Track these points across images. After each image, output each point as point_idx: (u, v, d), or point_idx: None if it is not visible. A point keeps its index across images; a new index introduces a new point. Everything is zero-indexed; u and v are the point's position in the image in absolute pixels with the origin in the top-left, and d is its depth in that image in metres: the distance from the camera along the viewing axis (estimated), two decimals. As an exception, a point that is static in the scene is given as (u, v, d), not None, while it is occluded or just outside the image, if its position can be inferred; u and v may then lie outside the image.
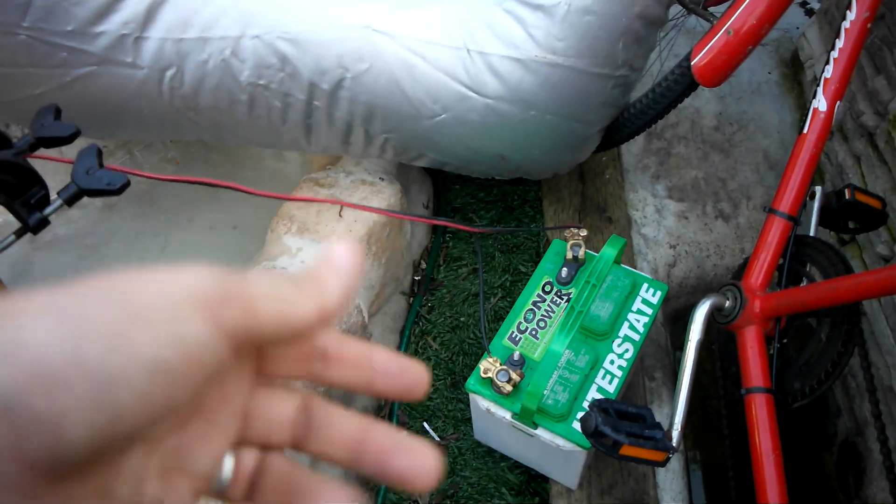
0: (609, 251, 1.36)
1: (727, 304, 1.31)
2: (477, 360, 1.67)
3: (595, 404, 1.15)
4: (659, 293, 1.42)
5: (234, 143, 1.48)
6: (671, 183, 1.94)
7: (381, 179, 1.61)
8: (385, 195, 1.58)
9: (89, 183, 0.97)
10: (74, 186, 0.97)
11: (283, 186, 1.86)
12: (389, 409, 1.66)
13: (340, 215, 1.53)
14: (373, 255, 1.56)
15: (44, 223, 1.00)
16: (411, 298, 1.80)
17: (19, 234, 1.00)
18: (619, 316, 1.38)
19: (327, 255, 0.34)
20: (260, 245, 1.74)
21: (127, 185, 0.97)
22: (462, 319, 1.74)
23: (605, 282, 1.39)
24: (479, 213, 1.91)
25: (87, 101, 1.31)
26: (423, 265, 1.83)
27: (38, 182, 0.99)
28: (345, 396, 1.51)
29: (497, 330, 1.40)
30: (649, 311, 1.40)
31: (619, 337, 1.37)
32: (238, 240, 1.87)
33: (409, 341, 1.73)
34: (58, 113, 1.06)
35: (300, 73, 1.30)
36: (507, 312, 1.66)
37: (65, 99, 1.26)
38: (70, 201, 0.98)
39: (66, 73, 1.26)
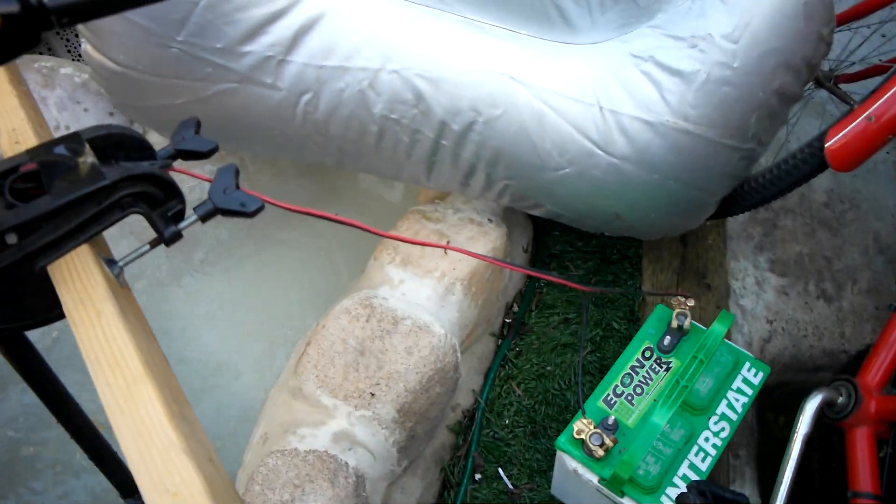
0: (719, 328, 1.32)
1: (840, 399, 1.26)
2: (560, 412, 1.65)
3: (693, 486, 1.11)
4: (761, 374, 1.37)
5: (355, 169, 1.49)
6: (774, 256, 1.89)
7: (490, 221, 1.60)
8: (491, 237, 1.57)
9: (225, 202, 0.97)
10: (211, 204, 0.97)
11: (384, 213, 1.86)
12: (466, 451, 1.63)
13: (445, 253, 1.52)
14: (472, 296, 1.54)
15: (177, 236, 1.00)
16: (500, 341, 1.78)
17: (154, 244, 1.00)
18: (718, 392, 1.35)
19: None
20: (351, 268, 1.75)
21: (261, 208, 0.97)
22: (549, 368, 1.71)
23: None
24: (577, 262, 1.88)
25: (223, 116, 1.32)
26: (515, 308, 1.81)
27: (177, 195, 1.00)
28: (428, 433, 1.49)
29: (589, 388, 1.37)
30: (749, 391, 1.36)
31: (716, 414, 1.33)
32: (326, 261, 1.87)
33: (494, 384, 1.71)
34: (198, 127, 1.07)
35: (433, 112, 1.30)
36: (596, 367, 1.63)
37: (201, 111, 1.28)
38: (205, 218, 0.98)
39: (207, 87, 1.27)
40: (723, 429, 1.32)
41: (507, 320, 1.80)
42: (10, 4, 0.68)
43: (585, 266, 1.87)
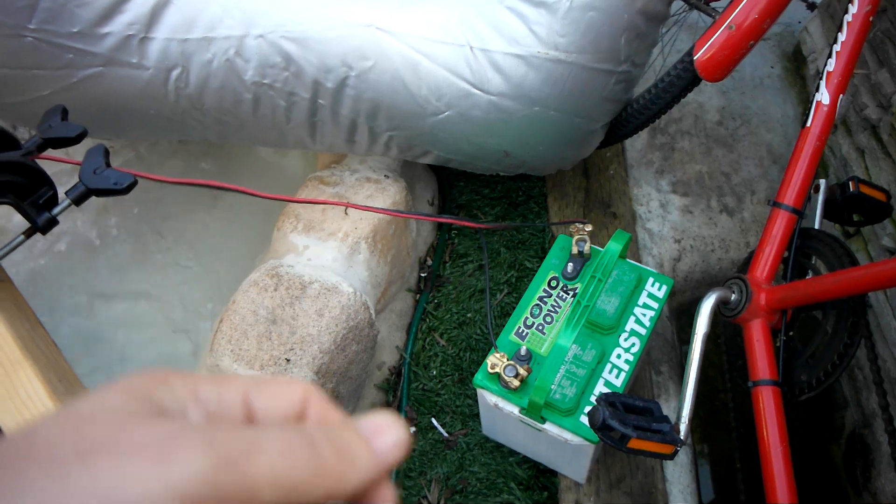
0: (614, 246, 1.34)
1: (733, 297, 1.29)
2: (484, 357, 1.67)
3: (602, 398, 1.14)
4: (664, 287, 1.40)
5: (239, 142, 1.47)
6: (675, 178, 1.92)
7: (387, 177, 1.60)
8: (390, 193, 1.57)
9: (97, 183, 0.96)
10: (82, 186, 0.96)
11: (286, 184, 1.85)
12: (397, 406, 1.65)
13: (346, 213, 1.52)
14: (379, 253, 1.55)
15: (52, 223, 0.99)
16: (417, 295, 1.79)
17: (29, 233, 0.99)
18: (625, 310, 1.37)
19: (374, 426, 0.30)
20: (261, 241, 1.73)
21: (134, 184, 0.97)
22: (469, 315, 1.73)
23: (610, 276, 1.38)
24: (484, 209, 1.90)
25: (94, 102, 1.30)
26: (430, 262, 1.82)
27: (46, 182, 0.99)
28: (353, 392, 1.50)
29: (504, 326, 1.39)
30: (655, 305, 1.39)
31: (625, 331, 1.36)
32: (241, 237, 1.86)
33: (417, 338, 1.72)
34: (65, 114, 1.06)
35: (304, 72, 1.29)
36: (514, 308, 1.65)
37: (71, 100, 1.25)
38: (78, 201, 0.97)
39: (72, 74, 1.25)
40: (633, 344, 1.35)
41: (422, 275, 1.81)
42: None
43: (493, 212, 1.89)
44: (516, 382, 1.28)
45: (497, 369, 1.29)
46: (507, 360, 1.30)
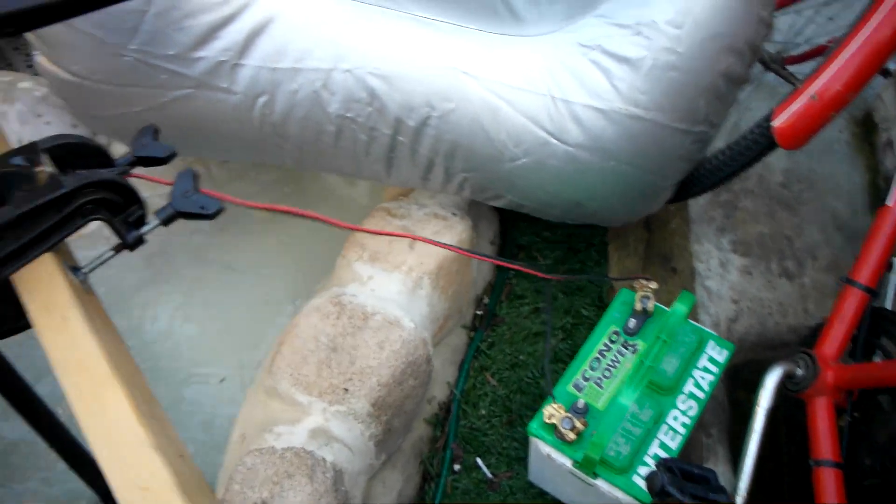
0: (681, 308, 1.31)
1: (798, 371, 1.24)
2: (535, 400, 1.63)
3: (661, 463, 1.10)
4: (725, 352, 1.36)
5: (315, 169, 1.47)
6: (736, 237, 1.87)
7: (454, 214, 1.58)
8: (456, 231, 1.55)
9: (186, 206, 0.95)
10: (171, 208, 0.96)
11: (351, 212, 1.84)
12: (444, 442, 1.61)
13: (412, 247, 1.50)
14: (440, 289, 1.52)
15: (140, 241, 0.98)
16: (472, 333, 1.76)
17: (117, 249, 0.98)
18: (684, 372, 1.33)
19: None
20: (320, 267, 1.72)
21: (221, 210, 0.96)
22: (521, 358, 1.70)
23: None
24: (544, 252, 1.87)
25: (182, 121, 1.30)
26: (486, 300, 1.80)
27: (137, 201, 0.98)
28: (404, 425, 1.47)
29: (560, 374, 1.36)
30: (715, 369, 1.34)
31: (683, 393, 1.32)
32: (299, 261, 1.84)
33: (468, 375, 1.69)
34: (156, 133, 1.05)
35: (388, 109, 1.28)
36: (567, 354, 1.61)
37: (161, 118, 1.25)
38: (166, 222, 0.96)
39: (164, 93, 1.25)
40: (690, 407, 1.31)
41: (478, 312, 1.78)
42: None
43: (553, 255, 1.86)
44: (572, 435, 1.24)
45: (554, 420, 1.26)
46: (565, 411, 1.27)
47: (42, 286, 0.87)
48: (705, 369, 1.34)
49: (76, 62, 1.23)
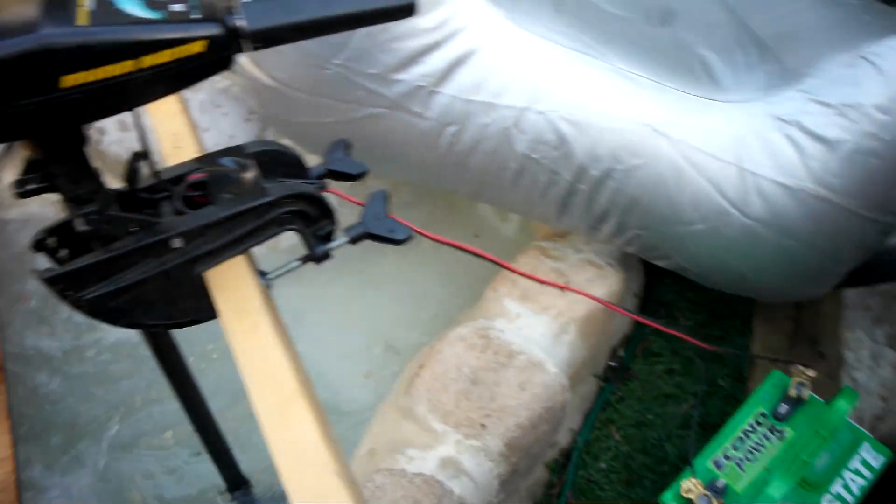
0: (843, 404, 1.25)
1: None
2: (657, 463, 1.59)
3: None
4: (882, 458, 1.29)
5: (487, 202, 1.47)
6: (892, 330, 1.78)
7: (609, 265, 1.56)
8: (609, 281, 1.52)
9: (376, 228, 0.96)
10: (362, 228, 0.96)
11: (501, 244, 1.84)
12: (560, 490, 1.58)
13: (563, 292, 1.48)
14: (584, 337, 1.50)
15: (326, 255, 0.99)
16: (603, 383, 1.72)
17: (304, 260, 1.00)
18: (834, 470, 1.27)
19: None
20: (463, 293, 1.71)
21: (410, 238, 0.96)
22: (650, 417, 1.65)
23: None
24: (686, 312, 1.82)
25: (368, 138, 1.32)
26: (621, 353, 1.76)
27: (330, 216, 0.99)
28: (527, 468, 1.45)
29: (695, 444, 1.31)
30: (868, 474, 1.27)
31: (830, 493, 1.25)
32: (433, 280, 1.84)
33: (593, 426, 1.65)
34: (348, 148, 1.06)
35: (574, 155, 1.27)
36: (698, 423, 1.56)
37: (349, 132, 1.27)
38: (354, 240, 0.97)
39: (357, 109, 1.27)
40: (835, 508, 1.25)
41: (611, 363, 1.75)
42: (214, 28, 0.69)
43: (695, 318, 1.81)
44: (708, 515, 1.20)
45: (691, 495, 1.22)
46: (703, 487, 1.22)
47: (233, 287, 0.88)
48: (857, 472, 1.27)
49: (280, 69, 1.26)
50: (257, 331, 0.86)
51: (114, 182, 0.82)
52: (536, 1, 1.29)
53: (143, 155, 0.81)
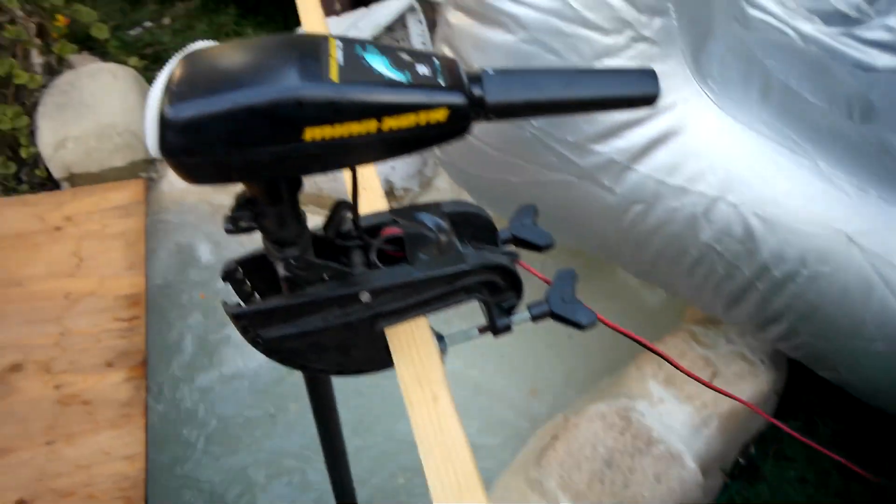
0: None
1: None
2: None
3: None
4: None
5: (655, 282, 1.38)
6: None
7: (762, 362, 1.44)
8: (760, 380, 1.42)
9: (562, 310, 0.89)
10: (547, 307, 0.89)
11: (642, 316, 1.74)
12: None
13: (708, 385, 1.37)
14: (723, 433, 1.39)
15: (507, 329, 0.93)
16: (728, 479, 1.59)
17: (483, 330, 0.94)
18: None
19: None
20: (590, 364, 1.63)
21: (594, 325, 0.88)
22: (774, 526, 1.52)
23: None
24: (826, 418, 1.67)
25: (548, 202, 1.25)
26: (752, 450, 1.63)
27: (517, 289, 0.93)
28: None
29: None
30: None
31: None
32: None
33: (715, 525, 1.53)
34: (536, 215, 1.00)
35: (758, 252, 1.18)
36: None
37: (530, 194, 1.22)
38: (536, 318, 0.90)
39: (545, 173, 1.21)
40: None
41: (741, 460, 1.62)
42: (457, 97, 0.64)
43: (836, 426, 1.66)
44: None
45: None
46: None
47: (413, 350, 0.83)
48: None
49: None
50: (437, 404, 0.80)
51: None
52: (745, 86, 1.20)
53: (348, 206, 0.77)
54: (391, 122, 0.62)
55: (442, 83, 0.65)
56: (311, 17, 1.48)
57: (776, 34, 1.38)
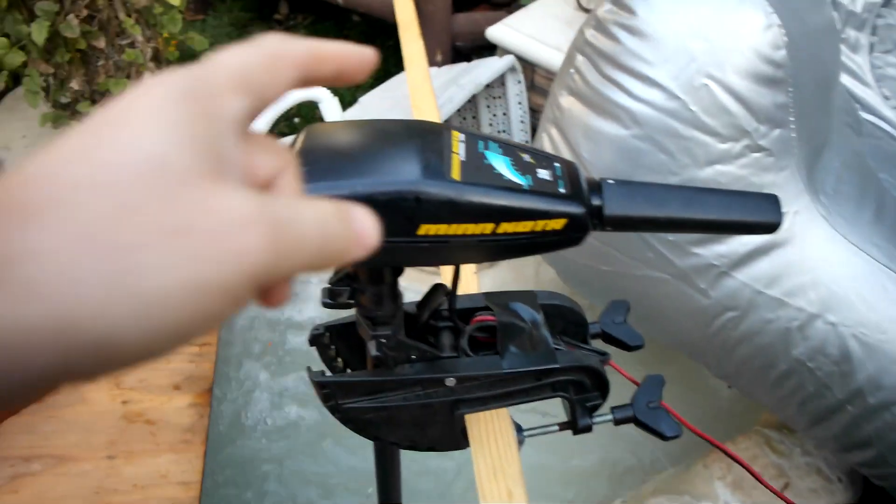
0: None
1: None
2: None
3: None
4: None
5: (735, 386, 1.30)
6: None
7: (839, 479, 1.34)
8: (836, 498, 1.33)
9: (647, 417, 0.83)
10: (631, 412, 0.84)
11: (708, 407, 1.63)
12: None
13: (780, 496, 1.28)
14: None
15: (588, 429, 0.88)
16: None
17: (563, 427, 0.89)
18: None
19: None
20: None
21: (677, 437, 0.83)
22: None
23: None
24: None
25: (638, 295, 1.20)
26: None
27: (604, 392, 0.88)
28: None
29: None
30: None
31: None
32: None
33: None
34: (628, 312, 0.95)
35: (853, 376, 1.10)
36: None
37: (621, 284, 1.18)
38: (619, 422, 0.85)
39: (640, 268, 1.17)
40: None
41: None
42: (577, 207, 0.60)
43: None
44: None
45: None
46: None
47: (492, 440, 0.80)
48: None
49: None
50: (511, 500, 0.76)
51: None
52: (859, 204, 1.13)
53: (445, 292, 0.73)
54: (507, 227, 0.59)
55: (563, 191, 0.62)
56: (416, 68, 1.46)
57: (889, 142, 1.31)
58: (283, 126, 2.45)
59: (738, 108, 1.00)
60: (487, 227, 0.58)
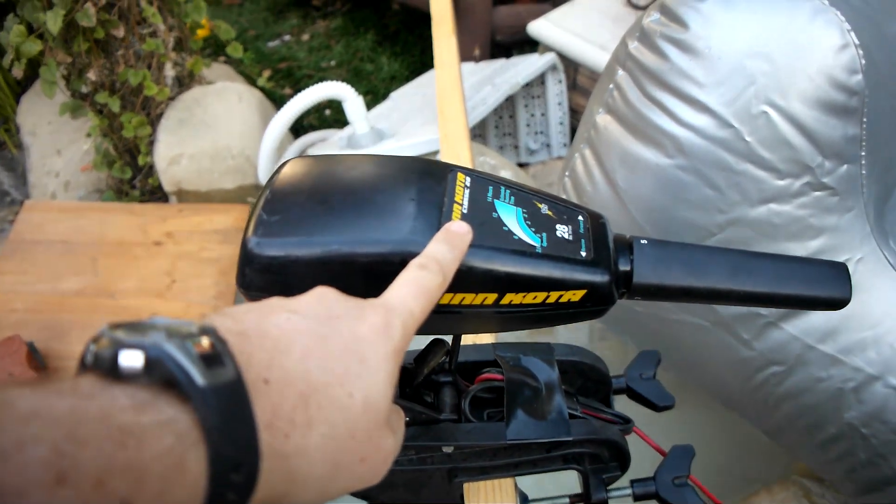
0: None
1: None
2: None
3: None
4: None
5: (775, 441, 1.18)
6: None
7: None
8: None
9: (670, 495, 0.73)
10: (653, 487, 0.74)
11: (748, 452, 1.52)
12: None
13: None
14: None
15: (605, 503, 0.79)
16: None
17: (574, 500, 0.80)
18: None
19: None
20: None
21: (705, 520, 0.73)
22: None
23: None
24: None
25: (675, 341, 1.08)
26: None
27: (624, 465, 0.78)
28: None
29: None
30: None
31: None
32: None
33: None
34: (657, 366, 0.84)
35: (913, 448, 0.97)
36: None
37: (658, 329, 1.06)
38: (638, 499, 0.75)
39: (677, 312, 1.03)
40: None
41: None
42: (600, 275, 0.51)
43: None
44: None
45: None
46: None
47: (492, 509, 0.70)
48: None
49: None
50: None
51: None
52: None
53: (446, 351, 0.63)
54: (513, 298, 0.49)
55: (584, 254, 0.52)
56: (447, 70, 1.36)
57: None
58: (314, 118, 2.38)
59: (801, 140, 0.88)
60: (489, 298, 0.49)
